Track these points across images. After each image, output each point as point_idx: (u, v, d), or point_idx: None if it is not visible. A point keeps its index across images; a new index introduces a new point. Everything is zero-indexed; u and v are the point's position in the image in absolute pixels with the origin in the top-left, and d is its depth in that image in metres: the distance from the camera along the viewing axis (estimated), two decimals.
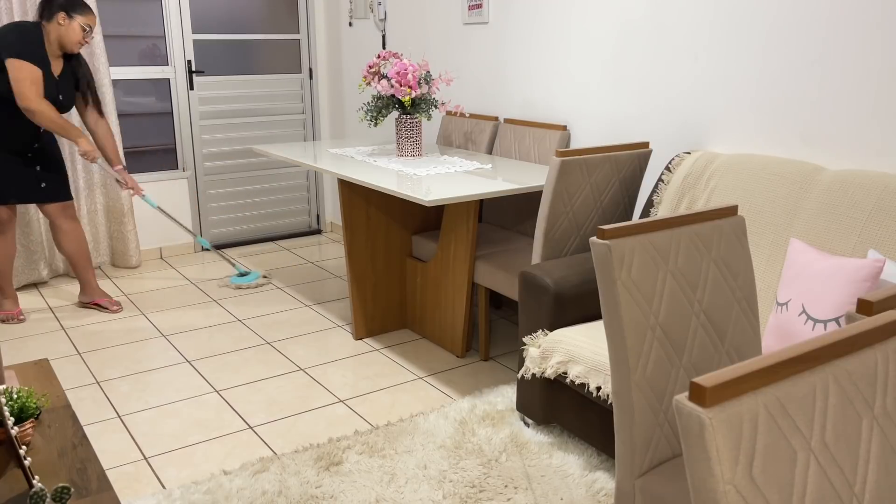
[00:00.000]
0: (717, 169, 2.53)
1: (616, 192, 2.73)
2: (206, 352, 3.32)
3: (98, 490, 1.49)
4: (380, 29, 4.56)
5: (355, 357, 3.26)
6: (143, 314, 3.78)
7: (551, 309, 2.40)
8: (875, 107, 2.28)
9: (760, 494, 0.87)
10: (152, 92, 4.63)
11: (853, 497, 0.95)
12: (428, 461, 2.41)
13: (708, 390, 0.84)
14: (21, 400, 1.64)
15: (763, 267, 2.28)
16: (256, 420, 2.72)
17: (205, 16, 4.71)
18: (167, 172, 4.72)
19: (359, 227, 3.32)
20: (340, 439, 2.55)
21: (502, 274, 2.97)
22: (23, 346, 3.39)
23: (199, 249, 4.90)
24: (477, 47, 3.83)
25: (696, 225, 1.65)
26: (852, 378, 0.97)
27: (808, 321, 1.92)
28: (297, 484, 2.29)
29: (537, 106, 3.52)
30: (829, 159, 2.42)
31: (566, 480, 2.31)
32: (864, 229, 2.08)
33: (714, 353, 1.66)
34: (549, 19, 3.37)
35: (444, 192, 2.66)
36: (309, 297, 4.03)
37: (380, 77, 3.36)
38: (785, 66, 2.49)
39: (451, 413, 2.71)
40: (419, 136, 3.43)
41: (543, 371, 2.36)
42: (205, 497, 2.24)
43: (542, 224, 2.60)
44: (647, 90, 2.97)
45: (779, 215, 2.29)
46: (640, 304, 1.54)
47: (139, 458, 2.49)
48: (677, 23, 2.81)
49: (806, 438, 0.92)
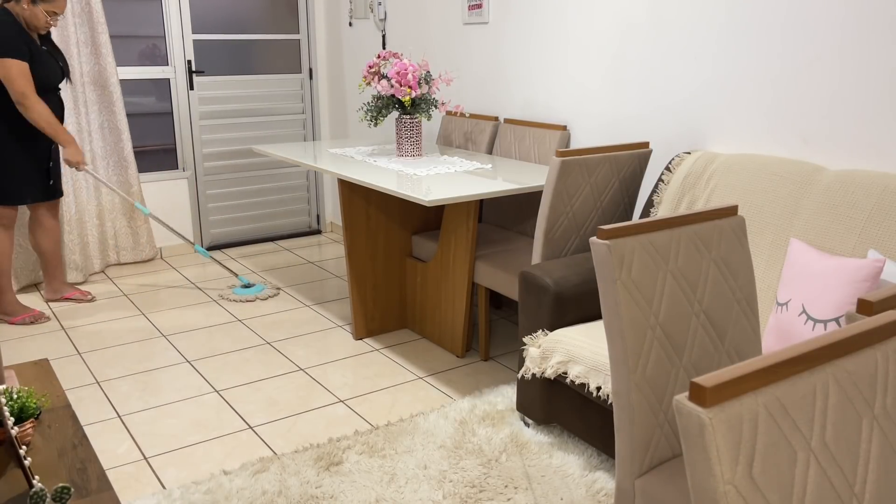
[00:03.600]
0: (717, 169, 2.53)
1: (616, 192, 2.73)
2: (206, 352, 3.32)
3: (98, 490, 1.49)
4: (380, 29, 4.56)
5: (355, 357, 3.26)
6: (143, 314, 3.78)
7: (551, 309, 2.40)
8: (875, 107, 2.28)
9: (760, 494, 0.87)
10: (152, 92, 4.64)
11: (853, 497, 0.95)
12: (428, 461, 2.41)
13: (708, 390, 0.84)
14: (21, 400, 1.64)
15: (763, 267, 2.28)
16: (256, 420, 2.72)
17: (205, 16, 4.71)
18: (167, 172, 4.72)
19: (359, 227, 3.32)
20: (340, 439, 2.55)
21: (502, 274, 2.97)
22: (23, 346, 3.39)
23: None
24: (477, 47, 3.83)
25: (696, 225, 1.65)
26: (852, 378, 0.97)
27: (808, 321, 1.92)
28: (297, 484, 2.29)
29: (537, 106, 3.52)
30: (829, 159, 2.42)
31: (566, 480, 2.31)
32: (864, 229, 2.08)
33: (714, 353, 1.66)
34: (550, 19, 3.37)
35: (444, 192, 2.66)
36: (309, 297, 4.03)
37: (380, 77, 3.36)
38: (785, 65, 2.49)
39: (451, 413, 2.71)
40: (419, 136, 3.43)
41: (543, 371, 2.36)
42: (205, 497, 2.24)
43: (542, 224, 2.60)
44: (647, 90, 2.97)
45: (779, 215, 2.29)
46: (640, 304, 1.54)
47: (139, 458, 2.49)
48: (677, 23, 2.81)
49: (806, 438, 0.92)
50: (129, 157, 4.37)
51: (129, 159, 4.38)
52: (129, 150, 4.36)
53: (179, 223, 4.81)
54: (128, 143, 4.35)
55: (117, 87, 4.25)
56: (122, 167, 4.39)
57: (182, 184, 4.77)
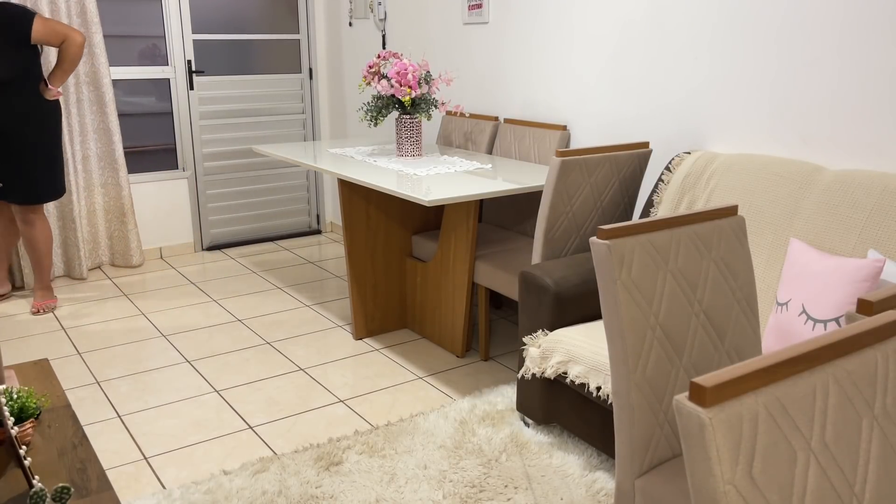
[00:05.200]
0: (717, 169, 2.53)
1: (616, 192, 2.73)
2: (206, 352, 3.32)
3: (98, 490, 1.49)
4: (380, 29, 4.56)
5: (355, 357, 3.26)
6: (143, 314, 3.78)
7: (551, 309, 2.40)
8: (875, 107, 2.28)
9: (760, 494, 0.87)
10: (152, 92, 4.63)
11: (853, 497, 0.95)
12: (428, 461, 2.41)
13: (708, 390, 0.84)
14: (21, 400, 1.64)
15: (763, 267, 2.28)
16: (256, 420, 2.72)
17: (205, 16, 4.70)
18: (167, 172, 4.72)
19: (359, 227, 3.32)
20: (340, 439, 2.55)
21: (502, 274, 2.97)
22: (23, 346, 3.39)
23: (200, 249, 4.90)
24: (477, 47, 3.83)
25: (696, 225, 1.65)
26: (852, 378, 0.97)
27: (808, 321, 1.92)
28: (297, 484, 2.29)
29: (537, 106, 3.52)
30: (829, 159, 2.42)
31: (566, 480, 2.31)
32: (864, 229, 2.08)
33: (714, 353, 1.66)
34: (550, 19, 3.37)
35: (444, 192, 2.66)
36: (309, 296, 4.03)
37: (380, 77, 3.36)
38: (785, 65, 2.49)
39: (451, 413, 2.71)
40: (419, 136, 3.43)
41: (543, 371, 2.36)
42: (205, 497, 2.24)
43: (542, 224, 2.60)
44: (648, 90, 2.97)
45: (779, 215, 2.29)
46: (640, 304, 1.54)
47: (139, 458, 2.49)
48: (677, 23, 2.81)
49: (806, 438, 0.92)
50: (120, 160, 4.35)
51: (121, 161, 4.35)
52: (120, 151, 4.33)
53: (179, 223, 4.81)
54: (119, 145, 4.32)
55: (110, 88, 4.24)
56: (113, 169, 4.37)
57: (182, 184, 4.77)
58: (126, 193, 4.41)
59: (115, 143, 4.32)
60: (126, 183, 4.39)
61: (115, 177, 4.38)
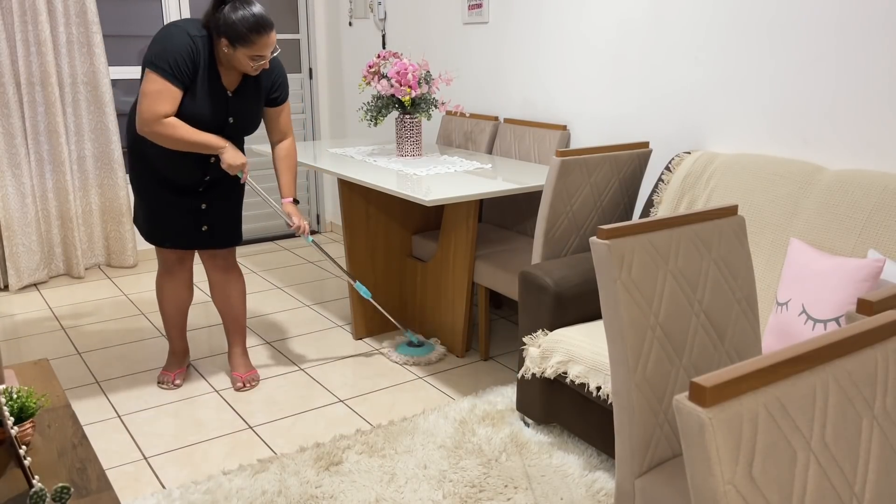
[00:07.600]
0: (717, 169, 2.53)
1: (616, 192, 2.73)
2: (206, 351, 3.32)
3: (98, 490, 1.49)
4: (380, 29, 4.56)
5: (355, 357, 3.26)
6: (143, 314, 3.78)
7: (551, 309, 2.40)
8: (875, 107, 2.28)
9: (760, 494, 0.87)
10: None
11: (853, 497, 0.95)
12: (428, 461, 2.41)
13: (708, 390, 0.84)
14: (21, 400, 1.64)
15: (763, 267, 2.28)
16: (256, 420, 2.72)
17: None
18: None
19: (359, 227, 3.32)
20: (340, 439, 2.55)
21: (502, 274, 2.97)
22: (23, 346, 3.39)
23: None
24: (477, 47, 3.83)
25: (696, 225, 1.65)
26: (852, 378, 0.97)
27: (808, 321, 1.92)
28: (296, 484, 2.29)
29: (537, 106, 3.52)
30: (829, 159, 2.42)
31: (566, 480, 2.31)
32: (864, 229, 2.08)
33: (714, 353, 1.66)
34: (550, 19, 3.37)
35: (444, 192, 2.66)
36: (309, 296, 4.03)
37: (380, 77, 3.36)
38: (785, 65, 2.49)
39: (451, 413, 2.71)
40: (419, 136, 3.43)
41: (543, 371, 2.36)
42: (204, 497, 2.24)
43: (542, 224, 2.60)
44: (647, 90, 2.97)
45: (779, 215, 2.29)
46: (640, 304, 1.54)
47: (139, 458, 2.49)
48: (677, 22, 2.81)
49: (806, 438, 0.92)
50: (118, 160, 4.35)
51: (119, 162, 4.35)
52: (118, 152, 4.33)
53: None
54: (117, 145, 4.32)
55: (108, 89, 4.24)
56: (110, 169, 4.37)
57: None
58: (123, 194, 4.41)
59: (114, 143, 4.32)
60: (124, 183, 4.39)
61: (113, 177, 4.38)
